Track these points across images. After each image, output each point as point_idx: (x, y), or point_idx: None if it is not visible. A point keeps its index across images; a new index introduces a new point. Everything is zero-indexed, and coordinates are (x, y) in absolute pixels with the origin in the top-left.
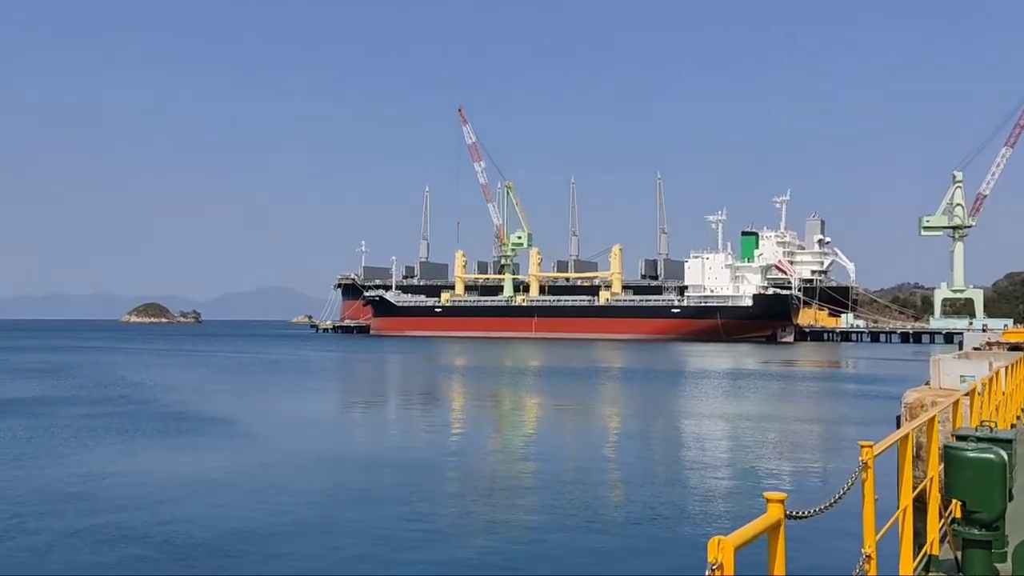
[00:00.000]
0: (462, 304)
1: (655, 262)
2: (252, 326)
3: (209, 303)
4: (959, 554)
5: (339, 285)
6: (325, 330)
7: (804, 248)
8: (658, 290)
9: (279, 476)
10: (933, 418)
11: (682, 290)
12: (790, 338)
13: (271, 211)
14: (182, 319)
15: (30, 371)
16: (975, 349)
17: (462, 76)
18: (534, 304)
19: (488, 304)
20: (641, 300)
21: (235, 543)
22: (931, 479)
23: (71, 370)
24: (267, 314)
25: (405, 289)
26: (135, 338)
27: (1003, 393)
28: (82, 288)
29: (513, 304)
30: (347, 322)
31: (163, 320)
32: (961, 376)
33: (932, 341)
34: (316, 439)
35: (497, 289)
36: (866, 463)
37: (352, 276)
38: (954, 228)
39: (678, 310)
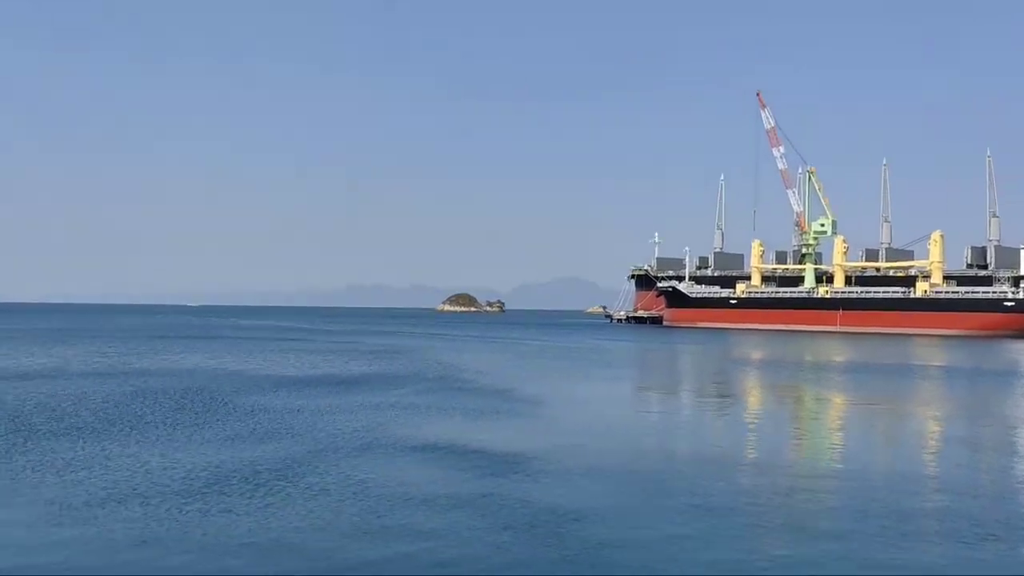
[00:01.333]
0: (759, 295)
1: (984, 249)
2: (549, 315)
3: (511, 293)
4: None
5: (632, 276)
6: (619, 320)
7: None
8: (987, 280)
9: (579, 458)
10: None
11: (1017, 280)
12: None
13: (565, 203)
14: (488, 308)
15: (373, 354)
16: None
17: (757, 61)
18: (839, 296)
19: (787, 296)
20: (966, 292)
21: (563, 521)
22: None
23: (404, 353)
24: (563, 304)
25: (698, 280)
26: (447, 325)
27: None
28: (403, 280)
29: (815, 296)
30: (640, 312)
31: (472, 309)
32: None
33: None
34: (613, 425)
35: (797, 280)
36: None
37: (645, 267)
38: None
39: (1012, 303)
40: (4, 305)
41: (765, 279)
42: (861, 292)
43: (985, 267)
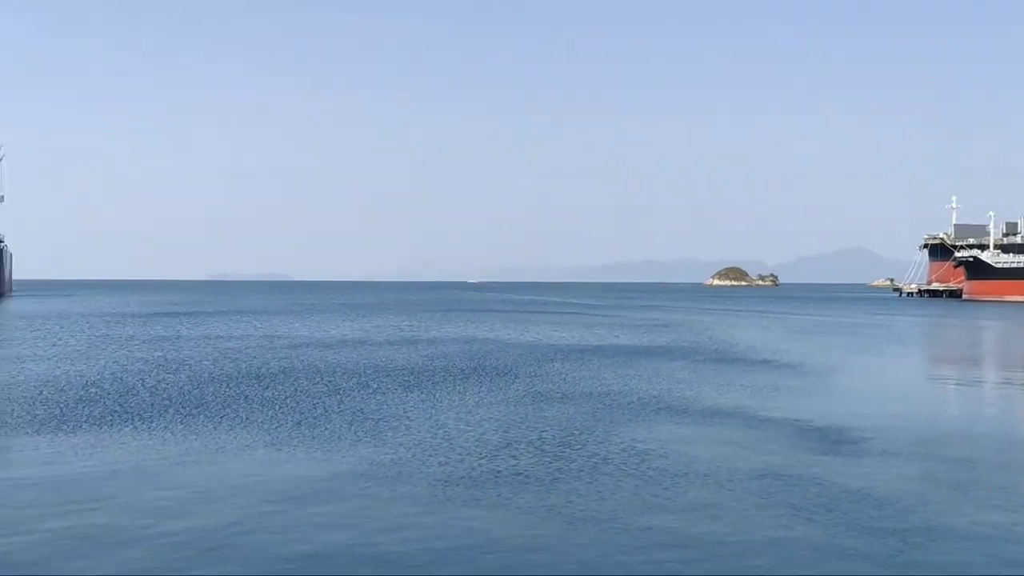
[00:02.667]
0: None
1: None
2: (828, 289)
3: (785, 266)
4: None
5: (926, 245)
6: (909, 294)
7: None
8: None
9: (872, 439)
10: None
11: None
12: None
13: (823, 166)
14: (760, 282)
15: (641, 327)
16: None
17: None
18: None
19: None
20: None
21: (862, 506)
22: None
23: (672, 326)
24: (844, 277)
25: (1005, 248)
26: (715, 299)
27: None
28: (669, 254)
29: None
30: (935, 285)
31: (742, 283)
32: None
33: None
34: (908, 406)
35: None
36: None
37: (941, 235)
38: None
39: None
40: (318, 284)
41: None
42: None
43: None
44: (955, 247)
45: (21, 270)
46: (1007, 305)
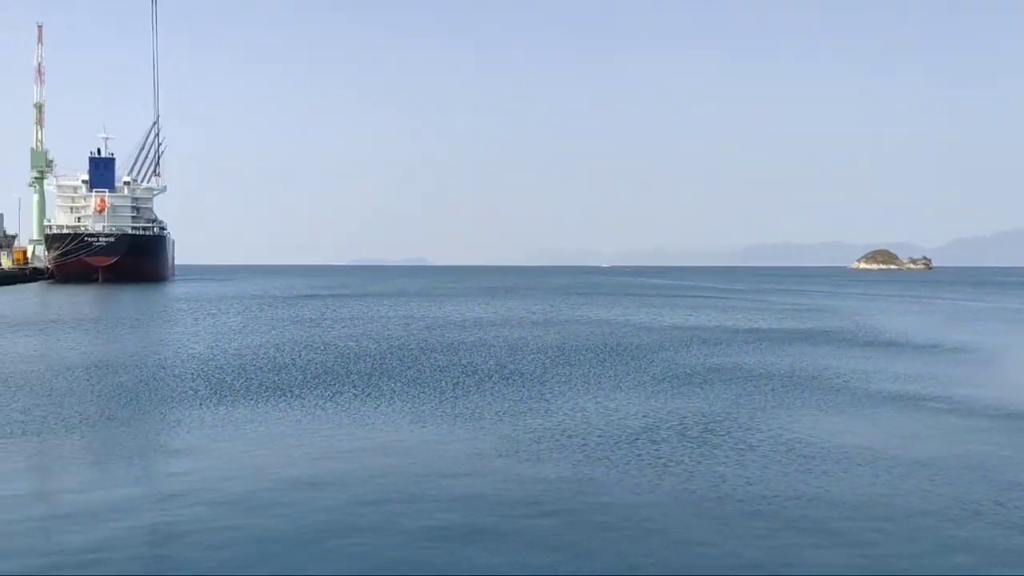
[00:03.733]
0: None
1: None
2: (987, 273)
3: (940, 249)
4: None
5: None
6: None
7: None
8: None
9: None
10: None
11: None
12: None
13: (981, 140)
14: (911, 266)
15: (784, 312)
16: None
17: None
18: None
19: None
20: None
21: None
22: None
23: (816, 311)
24: (1007, 260)
25: None
26: (861, 284)
27: None
28: (811, 237)
29: None
30: None
31: (892, 267)
32: None
33: None
34: None
35: None
36: None
37: None
38: None
39: None
40: (451, 268)
41: None
42: None
43: None
44: None
45: (183, 256)
46: None
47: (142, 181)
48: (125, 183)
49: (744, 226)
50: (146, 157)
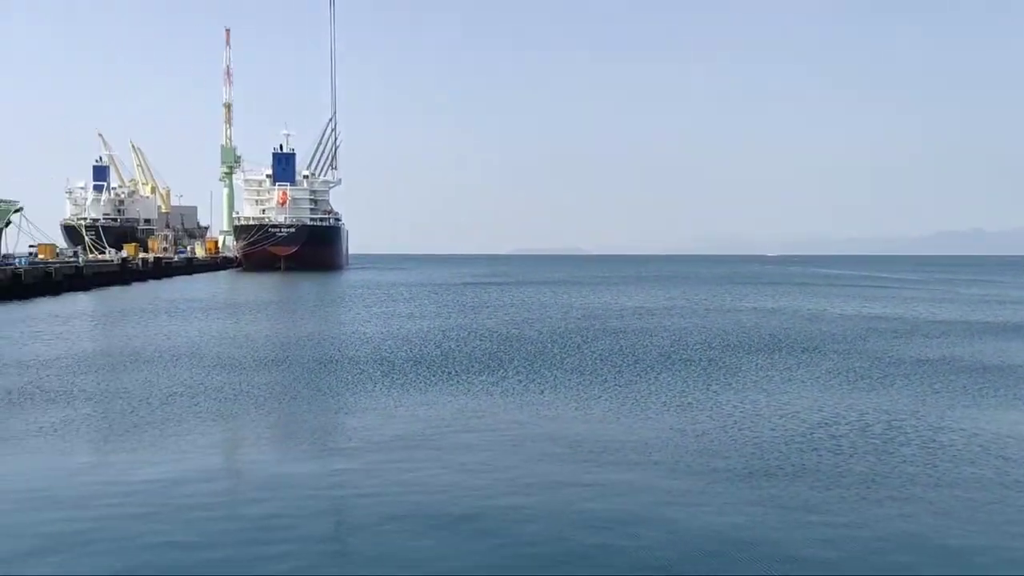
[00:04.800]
0: None
1: None
2: None
3: None
4: None
5: None
6: None
7: None
8: None
9: None
10: None
11: None
12: None
13: None
14: None
15: (978, 303)
16: None
17: None
18: None
19: None
20: None
21: None
22: None
23: (1014, 303)
24: None
25: None
26: None
27: None
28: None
29: None
30: None
31: None
32: None
33: None
34: None
35: None
36: None
37: None
38: None
39: None
40: (606, 257)
41: None
42: None
43: None
44: None
45: (356, 245)
46: None
47: (319, 174)
48: (304, 176)
49: (928, 210)
50: (323, 151)
